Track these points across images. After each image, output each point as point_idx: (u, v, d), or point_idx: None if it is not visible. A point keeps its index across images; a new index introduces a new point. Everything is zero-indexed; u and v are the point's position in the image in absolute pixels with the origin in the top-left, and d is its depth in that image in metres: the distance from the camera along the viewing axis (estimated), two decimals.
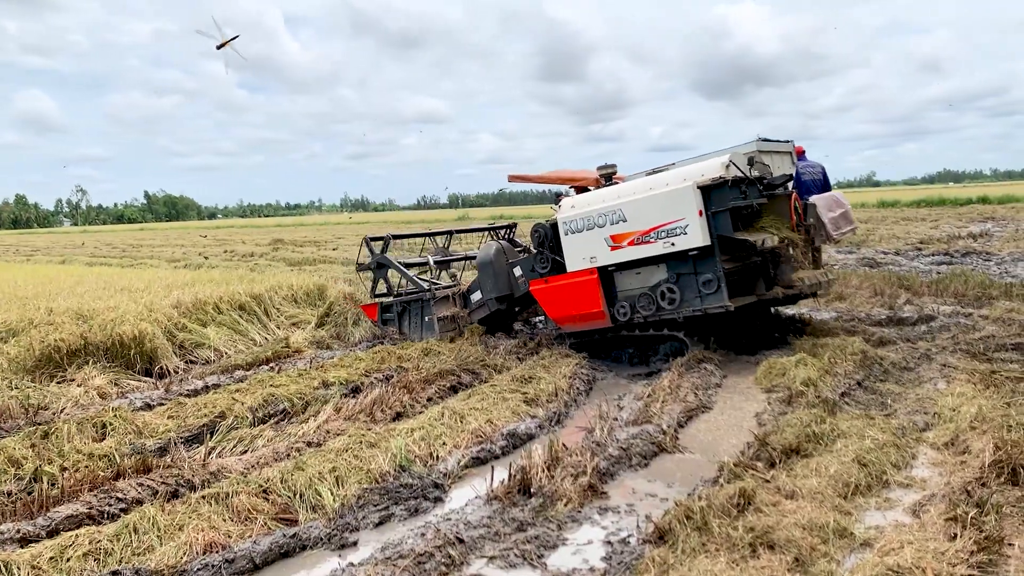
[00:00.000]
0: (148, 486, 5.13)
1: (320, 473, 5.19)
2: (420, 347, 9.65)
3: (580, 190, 10.48)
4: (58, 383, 8.15)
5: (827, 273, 9.57)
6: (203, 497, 4.83)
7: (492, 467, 5.47)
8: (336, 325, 11.53)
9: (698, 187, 7.96)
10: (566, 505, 4.82)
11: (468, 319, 10.71)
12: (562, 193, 10.99)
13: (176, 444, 6.12)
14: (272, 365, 9.22)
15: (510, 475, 5.13)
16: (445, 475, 5.47)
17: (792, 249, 8.43)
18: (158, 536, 4.36)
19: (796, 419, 5.98)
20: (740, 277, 8.44)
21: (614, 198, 8.71)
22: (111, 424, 6.39)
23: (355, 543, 4.53)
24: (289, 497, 4.94)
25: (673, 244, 8.12)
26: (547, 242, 9.45)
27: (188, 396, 7.66)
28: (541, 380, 7.73)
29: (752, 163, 8.37)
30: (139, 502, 4.92)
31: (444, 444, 6.02)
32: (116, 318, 9.41)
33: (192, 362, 9.83)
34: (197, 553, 4.24)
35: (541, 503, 4.83)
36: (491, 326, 10.75)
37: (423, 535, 4.39)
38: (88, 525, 4.57)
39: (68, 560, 4.06)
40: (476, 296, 10.64)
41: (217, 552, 4.26)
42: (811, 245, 9.31)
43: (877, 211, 45.03)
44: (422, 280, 11.27)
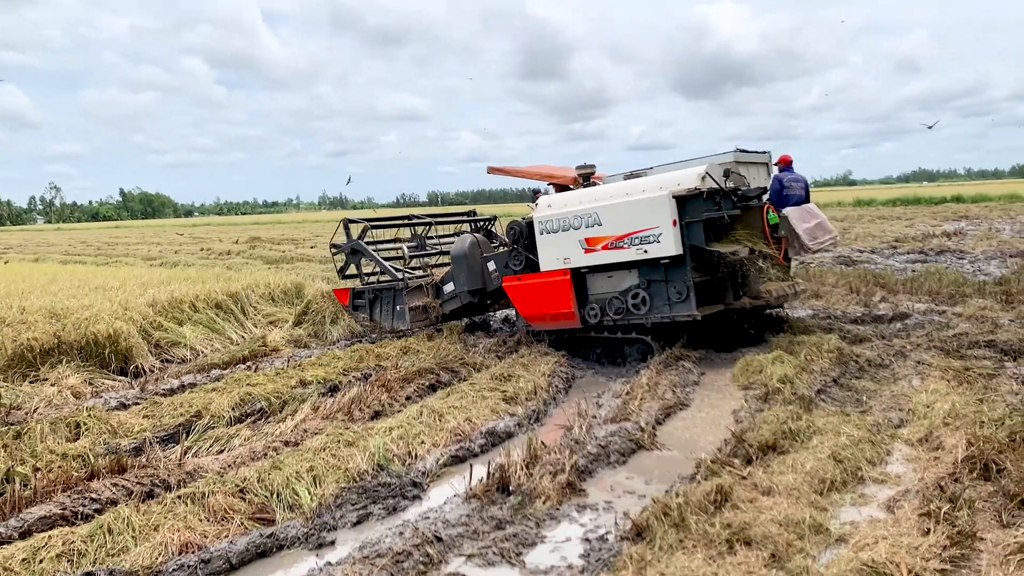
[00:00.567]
0: (123, 486, 5.08)
1: (297, 472, 5.17)
2: (399, 345, 9.62)
3: (559, 188, 10.55)
4: (31, 383, 8.05)
5: (794, 286, 9.77)
6: (179, 497, 4.79)
7: (471, 465, 5.47)
8: (314, 323, 11.48)
9: (673, 196, 8.02)
10: (545, 503, 4.83)
11: (440, 310, 10.75)
12: (539, 190, 11.14)
13: (151, 444, 6.06)
14: (249, 364, 9.15)
15: (489, 473, 5.13)
16: (424, 474, 5.46)
17: (762, 261, 8.50)
18: (133, 537, 4.32)
19: (773, 416, 6.03)
20: (709, 286, 8.54)
21: (591, 201, 8.74)
22: (85, 424, 6.33)
23: (333, 542, 4.51)
24: (266, 496, 4.91)
25: (646, 251, 8.21)
26: (522, 240, 9.50)
27: (164, 395, 7.59)
28: (520, 378, 7.74)
29: (728, 175, 8.46)
30: (114, 502, 4.87)
31: (423, 443, 6.01)
32: (90, 317, 9.31)
33: (168, 361, 9.75)
34: (173, 553, 4.20)
35: (520, 501, 4.83)
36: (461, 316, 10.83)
37: (401, 534, 4.38)
38: (61, 526, 4.52)
39: (41, 561, 4.02)
40: (449, 287, 10.70)
41: (193, 552, 4.23)
42: (783, 256, 9.36)
43: (853, 210, 45.50)
44: (396, 269, 11.29)
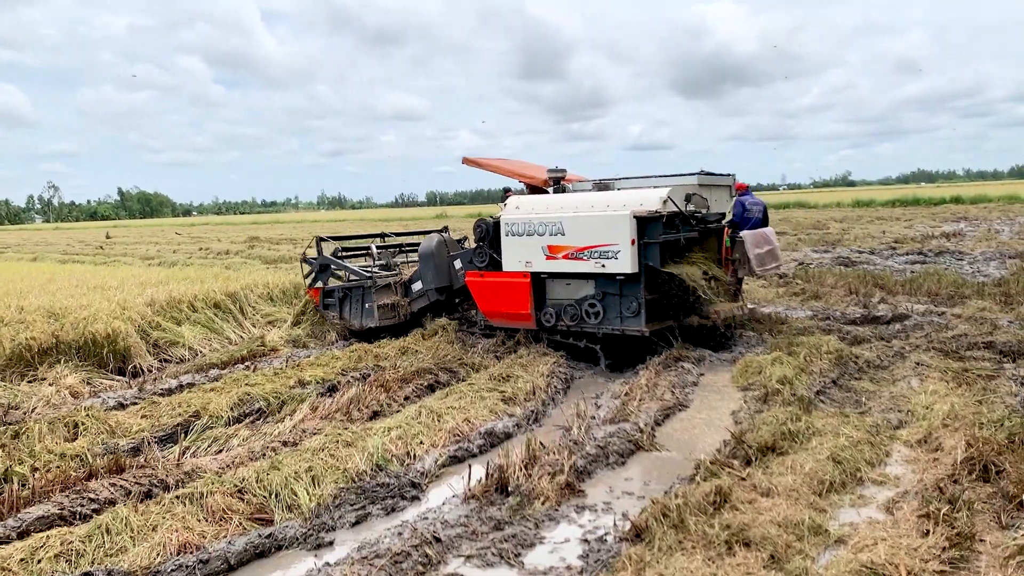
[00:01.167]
0: (121, 486, 5.07)
1: (296, 472, 5.16)
2: (397, 345, 9.62)
3: (531, 188, 10.81)
4: (29, 382, 8.04)
5: (742, 308, 10.11)
6: (177, 497, 4.78)
7: (470, 466, 5.46)
8: (312, 323, 11.46)
9: (635, 216, 8.26)
10: (543, 504, 4.82)
11: (408, 308, 10.94)
12: (510, 189, 11.45)
13: (150, 444, 6.06)
14: (248, 364, 9.14)
15: (487, 474, 5.12)
16: (422, 474, 5.46)
17: (714, 283, 8.82)
18: (131, 537, 4.31)
19: (772, 417, 6.02)
20: (660, 303, 8.76)
21: (557, 210, 8.96)
22: (83, 424, 6.32)
23: (331, 543, 4.51)
24: (264, 497, 4.90)
25: (604, 266, 8.46)
26: (488, 238, 9.68)
27: (162, 395, 7.58)
28: (519, 379, 7.73)
29: (689, 199, 8.83)
30: (112, 502, 4.86)
31: (421, 443, 6.01)
32: (89, 316, 9.30)
33: (166, 361, 9.73)
34: (171, 554, 4.19)
35: (518, 502, 4.82)
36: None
37: (400, 534, 4.37)
38: (60, 526, 4.51)
39: (39, 561, 4.01)
40: (417, 286, 10.88)
41: (191, 552, 4.22)
42: (735, 278, 9.84)
43: (852, 210, 45.54)
44: (364, 271, 11.48)
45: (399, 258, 12.42)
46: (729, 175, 10.54)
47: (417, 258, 11.09)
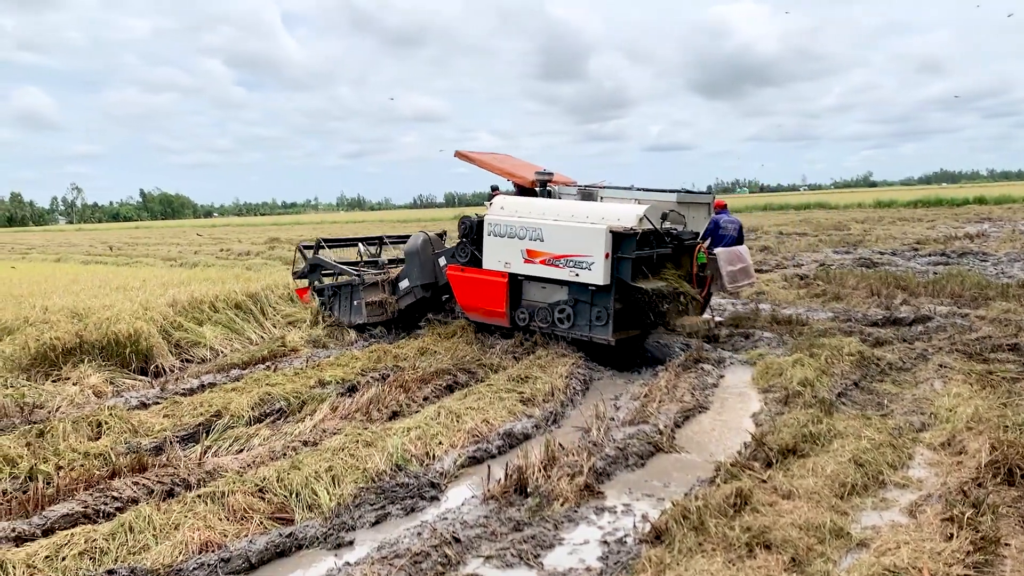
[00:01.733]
0: (144, 485, 5.11)
1: (316, 472, 5.18)
2: (416, 346, 9.65)
3: (519, 187, 11.05)
4: (53, 381, 8.12)
5: (709, 322, 10.60)
6: (199, 496, 4.82)
7: (488, 467, 5.46)
8: (332, 324, 11.51)
9: (611, 231, 8.52)
10: (563, 505, 4.82)
11: (396, 305, 11.22)
12: (498, 187, 11.75)
13: (172, 443, 6.10)
14: (268, 364, 9.19)
15: (506, 475, 5.12)
16: (441, 474, 5.46)
17: (682, 298, 9.15)
18: (154, 535, 4.35)
19: (793, 419, 5.99)
20: (629, 313, 9.09)
21: (539, 215, 9.23)
22: (107, 423, 6.38)
23: (351, 542, 4.53)
24: (285, 496, 4.93)
25: (577, 275, 8.74)
26: (471, 235, 9.97)
27: (184, 395, 7.63)
28: (537, 380, 7.73)
29: (665, 217, 9.25)
30: (135, 501, 4.90)
31: (440, 443, 6.02)
32: (111, 316, 9.38)
33: (188, 361, 9.81)
34: (193, 552, 4.23)
35: (538, 503, 4.82)
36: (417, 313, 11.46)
37: (419, 534, 4.38)
38: (83, 524, 4.55)
39: (63, 559, 4.05)
40: (404, 284, 11.14)
41: (213, 551, 4.25)
42: (704, 293, 10.07)
43: (874, 211, 45.17)
44: (352, 270, 11.73)
45: (385, 256, 12.85)
46: (708, 193, 10.98)
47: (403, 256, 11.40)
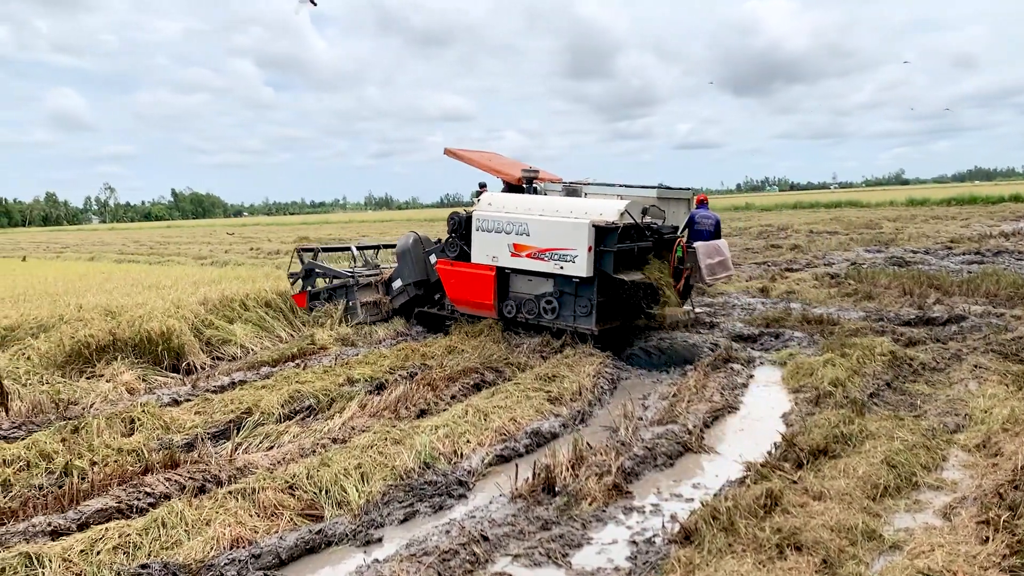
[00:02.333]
0: (176, 481, 5.17)
1: (345, 469, 5.21)
2: (444, 344, 9.67)
3: (507, 184, 11.44)
4: (88, 378, 8.25)
5: (688, 313, 11.03)
6: (230, 492, 4.87)
7: (516, 465, 5.45)
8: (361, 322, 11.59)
9: (593, 225, 8.91)
10: (591, 504, 4.81)
11: (390, 304, 11.64)
12: (486, 184, 12.14)
13: (203, 440, 6.17)
14: (298, 361, 9.26)
15: (534, 473, 5.12)
16: (469, 473, 5.47)
17: (664, 289, 9.51)
18: (186, 531, 4.40)
19: (824, 420, 5.93)
20: (611, 305, 9.45)
21: (525, 211, 9.65)
22: (139, 419, 6.46)
23: (380, 539, 4.55)
24: (315, 493, 4.96)
25: (562, 268, 9.16)
26: (460, 230, 10.31)
27: (215, 392, 7.71)
28: (565, 379, 7.71)
29: (646, 212, 9.58)
30: (167, 497, 4.97)
31: (468, 442, 6.03)
32: (144, 314, 9.52)
33: (219, 358, 9.91)
34: (224, 548, 4.27)
35: (565, 502, 4.82)
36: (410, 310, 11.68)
37: (448, 532, 4.39)
38: (117, 519, 4.62)
39: (98, 553, 4.11)
40: (397, 283, 11.60)
41: (244, 547, 4.29)
42: (686, 285, 10.41)
43: (906, 209, 44.54)
44: (346, 272, 12.06)
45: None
46: (688, 189, 11.51)
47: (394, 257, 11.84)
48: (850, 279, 14.57)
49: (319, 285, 12.22)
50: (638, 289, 9.08)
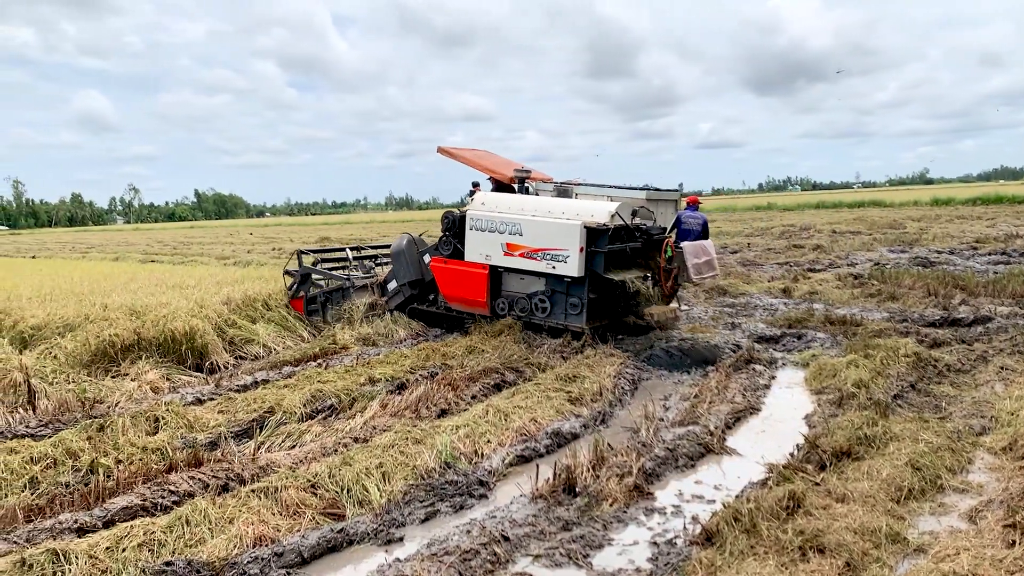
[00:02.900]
0: (199, 479, 5.22)
1: (367, 468, 5.24)
2: (464, 344, 9.68)
3: (498, 184, 11.59)
4: (113, 377, 8.34)
5: (675, 311, 11.21)
6: (253, 491, 4.90)
7: (537, 465, 5.46)
8: (383, 322, 11.62)
9: (585, 227, 9.21)
10: (611, 505, 4.80)
11: (386, 305, 11.76)
12: (478, 184, 12.25)
13: (226, 438, 6.23)
14: (319, 361, 9.31)
15: (555, 474, 5.12)
16: (490, 472, 5.48)
17: (652, 288, 10.10)
18: (209, 529, 4.44)
19: (847, 421, 5.88)
20: (601, 303, 9.92)
21: (518, 211, 9.94)
22: (163, 418, 6.52)
23: (401, 539, 4.57)
24: (337, 492, 4.99)
25: (554, 267, 9.47)
26: (454, 229, 10.61)
27: (238, 391, 7.77)
28: (585, 379, 7.71)
29: (635, 213, 9.79)
30: (191, 495, 5.02)
31: (489, 442, 6.04)
32: (168, 314, 9.61)
33: (241, 358, 9.99)
34: (247, 546, 4.31)
35: (586, 503, 4.81)
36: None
37: (469, 532, 4.40)
38: (142, 516, 4.67)
39: (124, 550, 4.15)
40: (392, 284, 11.77)
41: (266, 545, 4.32)
42: (676, 284, 10.61)
43: (931, 209, 44.05)
44: (342, 275, 12.34)
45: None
46: (675, 191, 11.66)
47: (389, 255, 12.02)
48: (874, 279, 14.45)
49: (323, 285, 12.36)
50: (628, 291, 9.50)
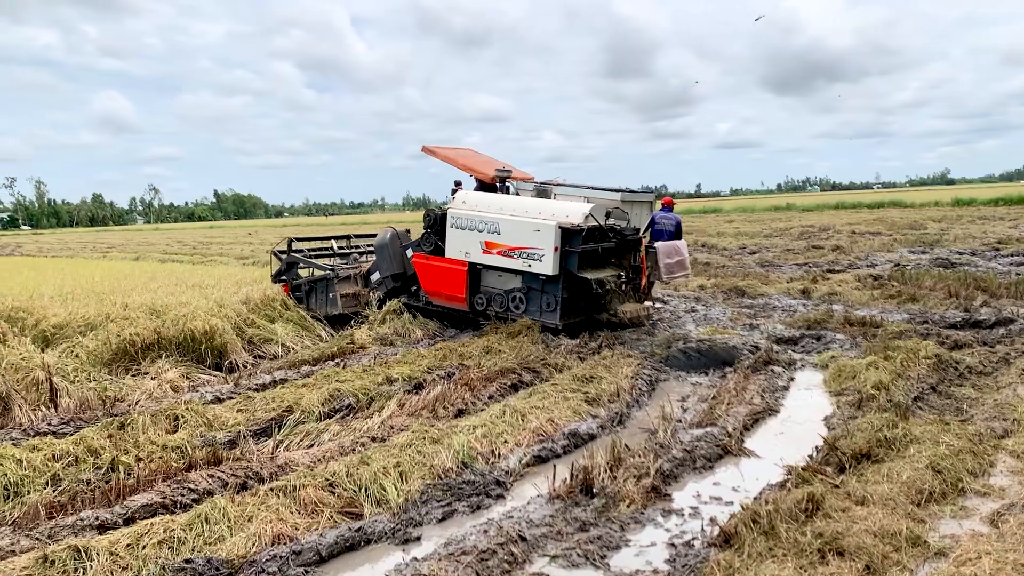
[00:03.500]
0: (219, 478, 5.26)
1: (384, 468, 5.26)
2: (481, 344, 9.69)
3: (481, 183, 12.04)
4: (133, 376, 8.41)
5: (648, 308, 11.44)
6: (271, 489, 4.93)
7: (554, 466, 5.46)
8: (400, 322, 11.65)
9: (560, 227, 9.67)
10: (629, 506, 4.79)
11: (369, 296, 12.12)
12: (460, 182, 12.73)
13: (245, 437, 6.27)
14: (338, 361, 9.35)
15: (572, 475, 5.12)
16: (507, 473, 5.48)
17: (624, 287, 10.58)
18: (228, 527, 4.47)
19: (867, 423, 5.84)
20: (576, 300, 10.30)
21: (497, 210, 10.37)
22: (183, 416, 6.57)
23: (419, 538, 4.58)
24: (354, 491, 5.01)
25: (530, 265, 9.93)
26: (435, 226, 11.04)
27: (256, 390, 7.82)
28: (602, 380, 7.69)
29: (609, 215, 10.25)
30: (210, 493, 5.05)
31: (506, 442, 6.04)
32: (188, 313, 9.68)
33: (260, 357, 10.04)
34: (266, 544, 4.33)
35: (603, 503, 4.81)
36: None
37: (486, 532, 4.40)
38: (162, 514, 4.71)
39: (144, 548, 4.19)
40: (375, 276, 12.18)
41: (285, 544, 4.35)
42: (649, 283, 11.29)
43: (952, 210, 43.59)
44: (326, 265, 12.59)
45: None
46: (651, 192, 12.37)
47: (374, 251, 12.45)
48: (894, 281, 14.33)
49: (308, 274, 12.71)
50: (601, 288, 9.90)
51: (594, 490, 4.99)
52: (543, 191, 11.44)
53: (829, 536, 3.99)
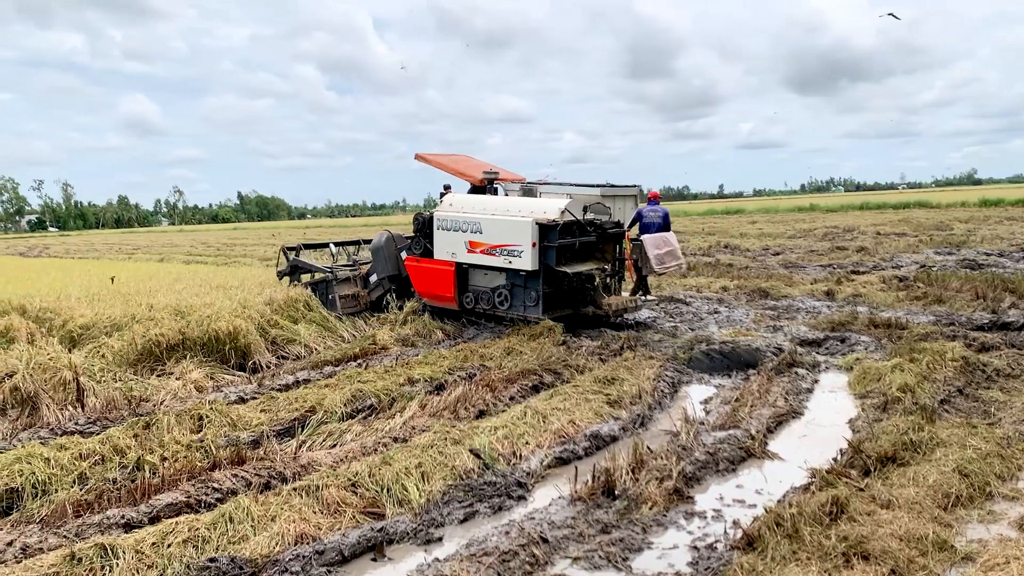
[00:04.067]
0: (242, 477, 5.30)
1: (406, 468, 5.27)
2: (502, 346, 9.70)
3: (472, 186, 12.36)
4: (158, 376, 8.50)
5: (634, 301, 11.56)
6: (294, 489, 4.96)
7: (575, 468, 5.45)
8: (421, 323, 11.69)
9: (536, 223, 10.02)
10: (651, 508, 4.77)
11: (367, 297, 12.59)
12: (450, 186, 13.08)
13: (268, 437, 6.31)
14: (360, 361, 9.39)
15: (594, 476, 5.10)
16: (528, 474, 5.48)
17: (608, 279, 10.85)
18: (252, 526, 4.50)
19: (892, 426, 5.78)
20: (559, 295, 10.74)
21: (480, 211, 10.75)
22: (207, 416, 6.63)
23: (440, 539, 4.59)
24: (376, 491, 5.03)
25: (511, 262, 10.32)
26: (424, 229, 11.45)
27: (280, 391, 7.87)
28: (624, 382, 7.67)
29: (587, 209, 10.56)
30: (234, 492, 5.09)
31: (527, 443, 6.04)
32: (212, 314, 9.76)
33: (283, 357, 10.11)
34: (289, 543, 4.36)
35: (626, 505, 4.79)
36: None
37: (507, 533, 4.40)
38: (187, 513, 4.75)
39: (169, 546, 4.23)
40: (373, 278, 12.63)
41: (308, 543, 4.37)
42: (641, 275, 11.68)
43: (979, 210, 43.07)
44: (325, 267, 13.02)
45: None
46: (634, 186, 12.71)
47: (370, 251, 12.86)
48: (919, 282, 14.17)
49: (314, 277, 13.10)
50: (583, 281, 10.28)
51: (616, 492, 4.98)
52: (529, 191, 11.83)
53: (854, 540, 3.95)
